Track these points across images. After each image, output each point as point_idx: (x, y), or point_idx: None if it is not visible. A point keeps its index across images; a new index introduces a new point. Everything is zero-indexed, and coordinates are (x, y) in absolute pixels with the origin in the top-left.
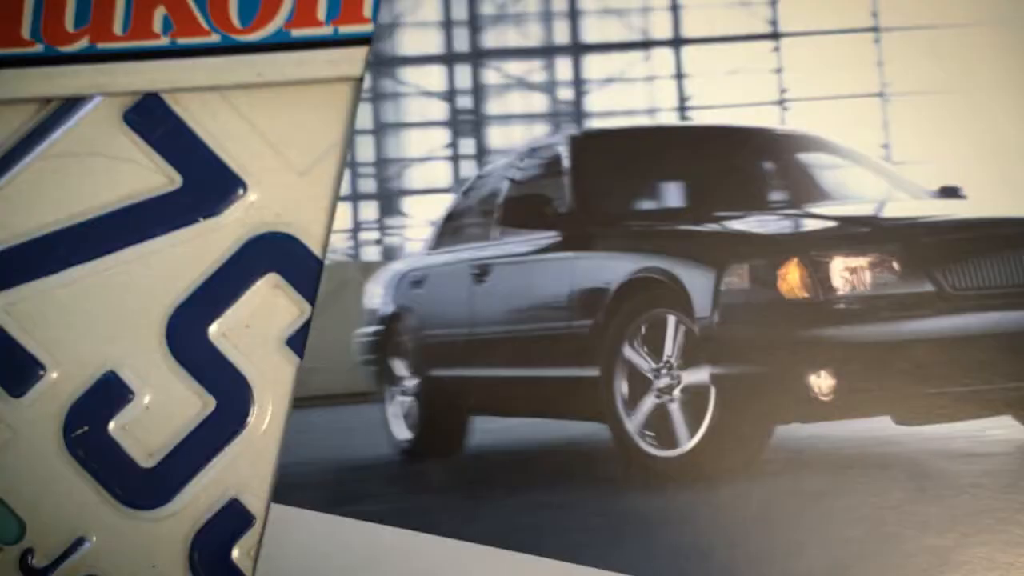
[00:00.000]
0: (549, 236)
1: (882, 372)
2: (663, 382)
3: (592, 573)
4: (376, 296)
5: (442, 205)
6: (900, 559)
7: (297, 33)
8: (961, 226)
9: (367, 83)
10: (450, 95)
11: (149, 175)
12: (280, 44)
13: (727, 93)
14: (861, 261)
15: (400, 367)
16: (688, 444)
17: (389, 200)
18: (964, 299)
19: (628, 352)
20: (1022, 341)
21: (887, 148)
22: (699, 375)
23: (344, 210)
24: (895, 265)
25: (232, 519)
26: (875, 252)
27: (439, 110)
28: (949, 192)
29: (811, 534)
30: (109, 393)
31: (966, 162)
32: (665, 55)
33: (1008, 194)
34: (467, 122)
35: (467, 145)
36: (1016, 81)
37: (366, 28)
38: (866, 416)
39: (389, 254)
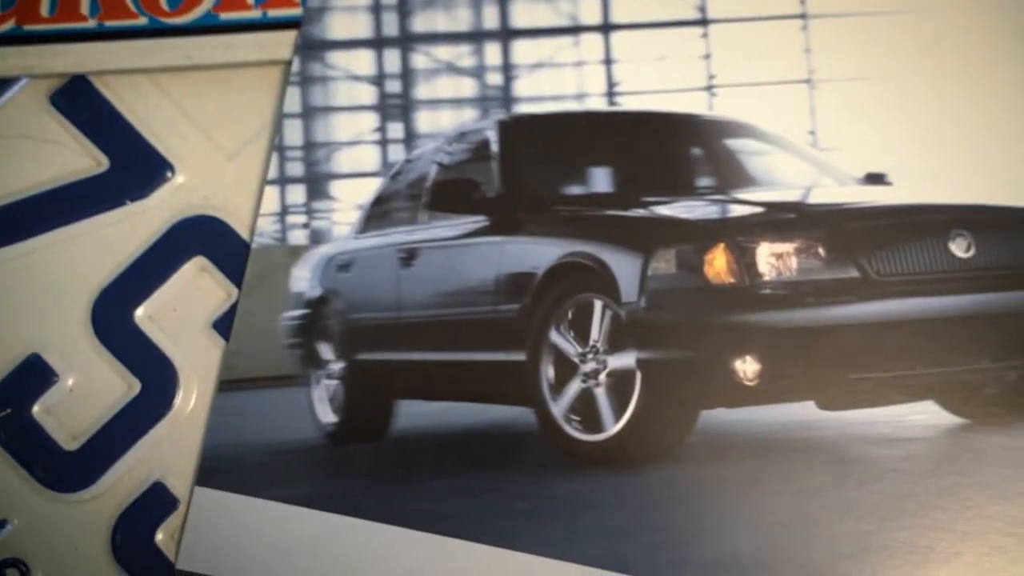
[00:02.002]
0: (477, 221)
1: (806, 357)
2: (589, 367)
3: (517, 557)
4: (303, 280)
5: (370, 189)
6: (822, 543)
7: (225, 16)
8: (886, 212)
9: (296, 67)
10: (379, 79)
11: (76, 157)
12: (208, 27)
13: (656, 79)
14: (787, 247)
15: (326, 351)
16: (613, 428)
17: (317, 184)
18: (888, 285)
19: (555, 337)
20: (945, 327)
21: (814, 135)
22: (625, 360)
23: (272, 193)
24: (821, 251)
25: (156, 502)
26: (801, 238)
27: (368, 94)
28: (875, 179)
29: (734, 518)
30: (33, 376)
31: (892, 149)
32: (594, 40)
33: (933, 181)
34: (396, 106)
35: (395, 129)
36: (941, 69)
37: (295, 12)
38: (790, 401)
39: (316, 238)
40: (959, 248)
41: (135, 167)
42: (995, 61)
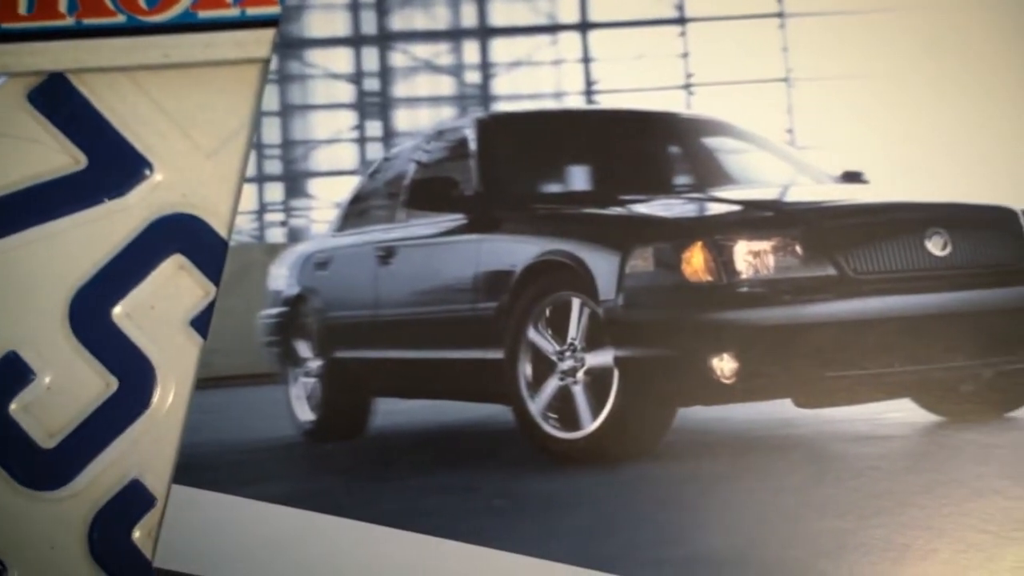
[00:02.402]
0: (455, 219)
1: (784, 355)
2: (567, 364)
3: (495, 555)
4: (281, 278)
5: (348, 187)
6: (800, 541)
7: (204, 14)
8: (863, 211)
9: (274, 65)
10: (357, 77)
11: (54, 155)
12: (187, 25)
13: (634, 77)
14: (764, 245)
15: (304, 348)
16: (591, 426)
17: (295, 182)
18: (865, 283)
19: (532, 334)
20: (921, 325)
21: (791, 133)
22: (603, 358)
23: (250, 191)
24: (798, 249)
25: (133, 500)
26: (778, 236)
27: (346, 92)
28: (852, 177)
29: (712, 516)
30: (10, 374)
31: (869, 147)
32: (572, 39)
33: (909, 179)
34: (374, 104)
35: (374, 127)
36: (918, 67)
37: (273, 10)
38: (767, 399)
39: (294, 236)
40: (935, 246)
41: (113, 165)
42: (971, 59)
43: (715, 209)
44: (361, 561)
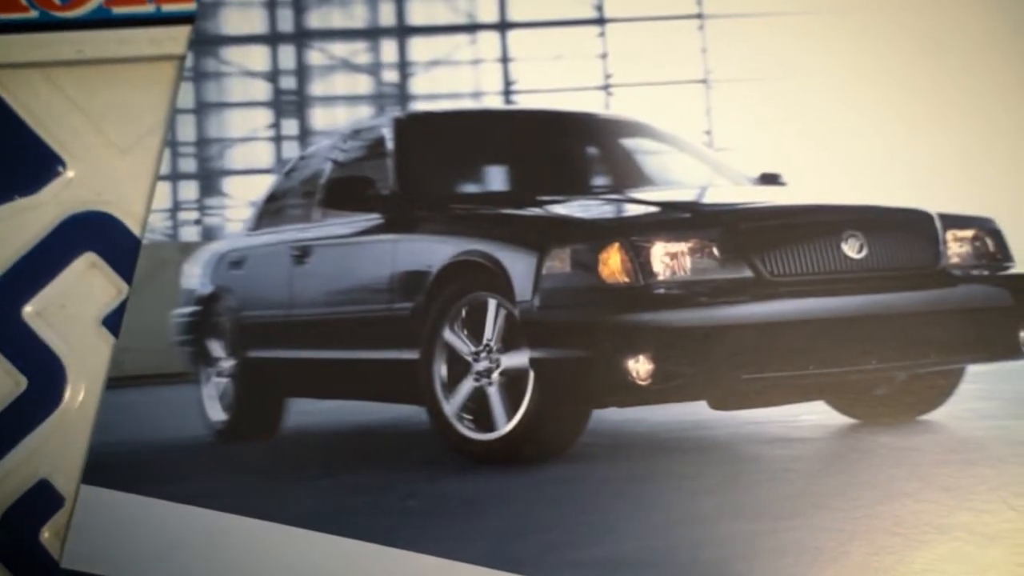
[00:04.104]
0: (371, 218)
1: (699, 357)
2: (482, 365)
3: (407, 556)
4: (194, 276)
5: (263, 186)
6: (713, 543)
7: (119, 11)
8: (780, 213)
9: (189, 62)
10: (273, 75)
11: None
12: (101, 21)
13: (552, 77)
14: (681, 247)
15: (217, 348)
16: (506, 427)
17: (210, 180)
18: (781, 285)
19: (448, 335)
20: (837, 327)
21: (709, 134)
22: (518, 359)
23: (164, 189)
24: (715, 251)
25: (41, 500)
26: (695, 238)
27: (262, 90)
28: (769, 179)
29: (626, 518)
30: None
31: (787, 149)
32: (491, 39)
33: (827, 181)
34: (290, 102)
35: (290, 126)
36: (836, 69)
37: (189, 6)
38: (683, 401)
39: (208, 234)
40: (851, 249)
41: (25, 162)
42: (888, 61)
43: (632, 210)
44: (272, 561)
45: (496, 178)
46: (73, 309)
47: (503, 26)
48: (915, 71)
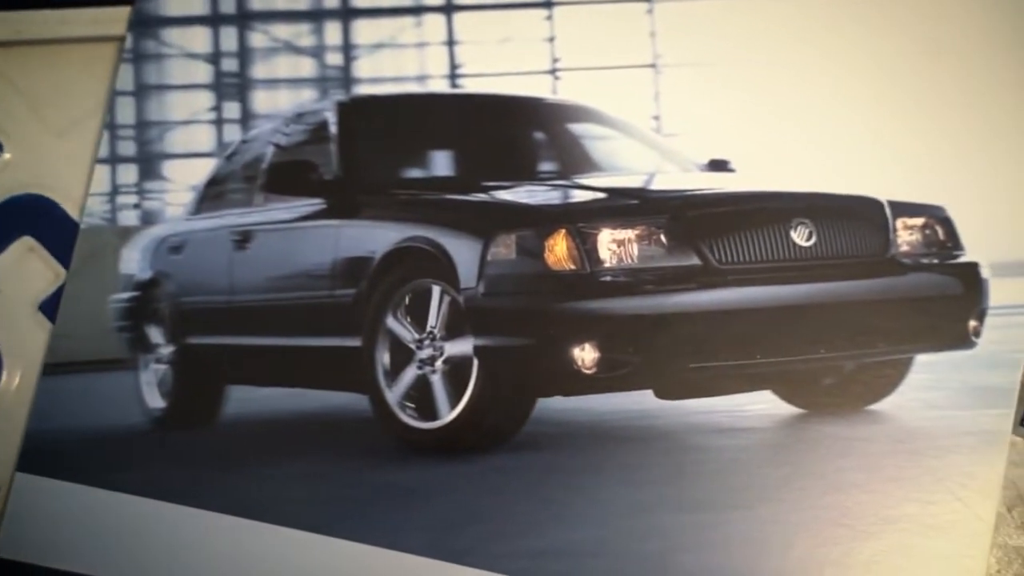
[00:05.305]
0: (314, 203)
1: (645, 346)
2: (426, 353)
3: (347, 546)
4: (133, 261)
5: (204, 170)
6: (657, 534)
7: None
8: (729, 200)
9: (129, 43)
10: (215, 57)
11: None
12: (41, 1)
13: (499, 61)
14: (629, 234)
15: (156, 334)
16: (449, 416)
17: (149, 163)
18: (729, 273)
19: (391, 322)
20: (785, 316)
21: (658, 120)
22: (462, 346)
23: (103, 173)
24: (662, 238)
25: None
26: (643, 225)
27: (203, 72)
28: (718, 165)
29: (569, 508)
30: None
31: (736, 135)
32: (437, 21)
33: (777, 168)
34: (232, 85)
35: (232, 109)
36: (785, 54)
37: None
38: (629, 389)
39: (148, 219)
40: (800, 237)
41: None
42: (838, 46)
43: (579, 196)
44: (209, 551)
45: (441, 163)
46: (9, 293)
47: (449, 9)
48: (868, 55)
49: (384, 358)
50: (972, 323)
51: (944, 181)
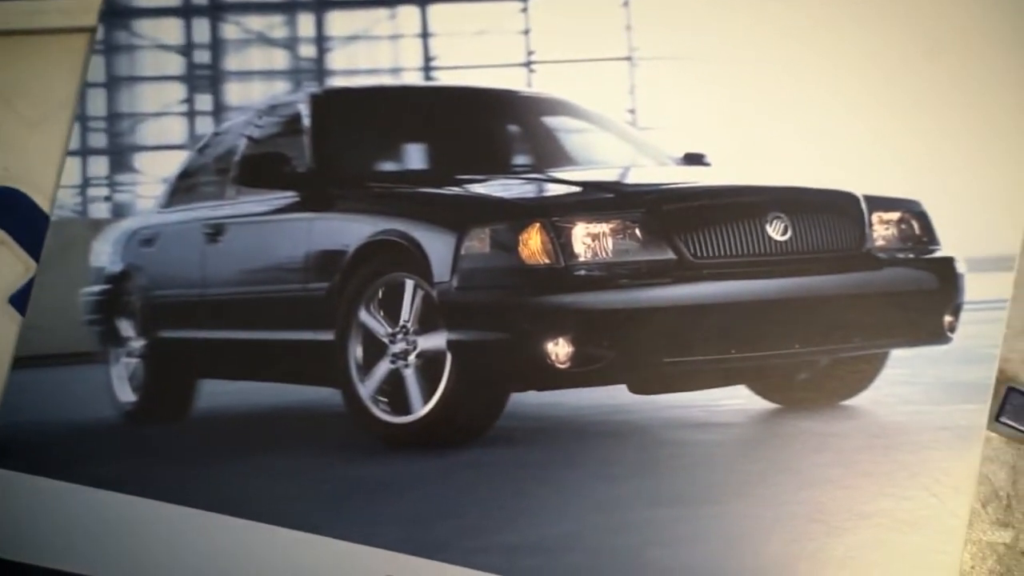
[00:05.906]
0: (287, 196)
1: (620, 340)
2: (399, 347)
3: (320, 541)
4: (104, 254)
5: (176, 162)
6: (630, 529)
7: None
8: (704, 194)
9: (100, 35)
10: (187, 49)
11: None
12: None
13: (474, 54)
14: (603, 227)
15: (127, 328)
16: (422, 410)
17: (121, 155)
18: (704, 267)
19: (364, 316)
20: (760, 311)
21: (633, 113)
22: (436, 341)
23: (74, 165)
24: (637, 232)
25: None
26: (617, 219)
27: (175, 64)
28: (694, 159)
29: (542, 503)
30: None
31: (712, 129)
32: (411, 13)
33: (752, 162)
34: (204, 77)
35: (204, 101)
36: (763, 48)
37: None
38: (603, 384)
39: (119, 211)
40: (776, 231)
41: None
42: (816, 40)
43: (554, 190)
44: (181, 546)
45: (415, 156)
46: None
47: (423, 0)
48: (846, 49)
49: (357, 352)
50: (947, 318)
51: (922, 177)
